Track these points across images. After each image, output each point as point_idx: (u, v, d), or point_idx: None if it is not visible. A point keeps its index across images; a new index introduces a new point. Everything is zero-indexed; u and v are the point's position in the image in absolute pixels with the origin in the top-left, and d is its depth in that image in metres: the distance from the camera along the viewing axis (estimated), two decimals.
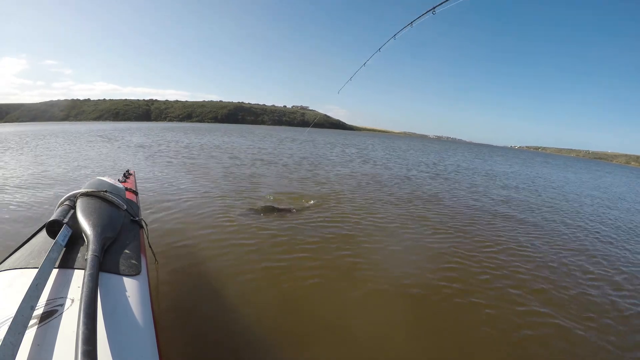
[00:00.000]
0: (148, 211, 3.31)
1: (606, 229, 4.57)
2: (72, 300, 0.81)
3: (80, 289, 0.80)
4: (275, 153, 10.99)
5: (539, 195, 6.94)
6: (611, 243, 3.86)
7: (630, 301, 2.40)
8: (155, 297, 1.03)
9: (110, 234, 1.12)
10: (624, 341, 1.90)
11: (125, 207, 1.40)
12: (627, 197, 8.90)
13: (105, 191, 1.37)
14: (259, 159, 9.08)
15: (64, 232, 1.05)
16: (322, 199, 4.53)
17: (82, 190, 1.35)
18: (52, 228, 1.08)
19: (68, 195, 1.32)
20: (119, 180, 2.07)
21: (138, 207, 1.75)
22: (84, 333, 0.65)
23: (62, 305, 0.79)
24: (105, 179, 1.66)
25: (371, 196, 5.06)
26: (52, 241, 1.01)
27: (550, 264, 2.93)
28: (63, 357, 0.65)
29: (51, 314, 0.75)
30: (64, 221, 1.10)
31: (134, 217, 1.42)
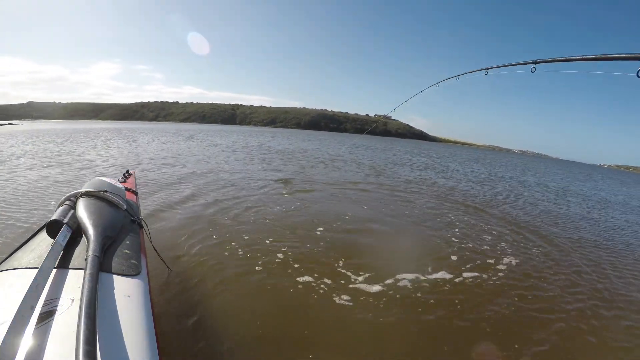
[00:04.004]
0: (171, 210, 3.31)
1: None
2: (72, 300, 0.81)
3: (80, 289, 0.80)
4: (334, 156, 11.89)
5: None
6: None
7: None
8: (155, 297, 1.03)
9: (110, 234, 1.12)
10: None
11: (125, 207, 1.40)
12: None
13: (105, 191, 1.37)
14: (320, 161, 9.92)
15: (64, 232, 1.05)
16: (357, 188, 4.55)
17: (82, 190, 1.35)
18: (52, 228, 1.08)
19: (68, 195, 1.31)
20: (118, 180, 2.07)
21: (138, 207, 1.75)
22: (84, 333, 0.64)
23: (62, 305, 0.79)
24: (105, 179, 1.66)
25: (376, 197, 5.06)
26: (52, 241, 1.01)
27: None
28: (63, 357, 0.65)
29: (51, 314, 0.75)
30: (64, 221, 1.10)
31: (133, 217, 1.42)
